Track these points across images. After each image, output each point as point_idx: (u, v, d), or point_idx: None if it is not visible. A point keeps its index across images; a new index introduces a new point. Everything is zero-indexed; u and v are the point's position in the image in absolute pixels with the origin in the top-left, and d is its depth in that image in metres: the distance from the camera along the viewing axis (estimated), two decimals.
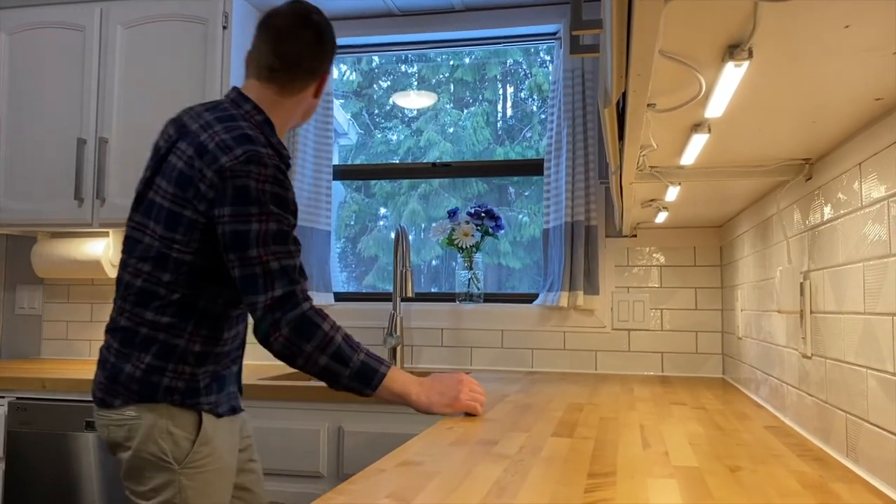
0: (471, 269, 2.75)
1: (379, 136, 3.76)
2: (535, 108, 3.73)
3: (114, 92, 2.61)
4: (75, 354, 2.96)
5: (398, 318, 2.66)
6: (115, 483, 2.14)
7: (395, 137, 3.86)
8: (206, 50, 2.53)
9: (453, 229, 2.75)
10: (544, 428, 1.48)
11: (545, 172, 2.66)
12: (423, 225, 3.64)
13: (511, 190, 3.72)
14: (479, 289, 2.74)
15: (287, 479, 2.09)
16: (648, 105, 1.00)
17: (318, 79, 1.56)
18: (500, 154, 3.61)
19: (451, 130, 3.80)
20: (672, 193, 1.64)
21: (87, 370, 2.45)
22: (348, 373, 1.38)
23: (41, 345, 2.99)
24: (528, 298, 2.71)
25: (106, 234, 2.80)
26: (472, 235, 2.72)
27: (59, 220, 2.64)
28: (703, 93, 0.94)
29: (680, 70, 0.87)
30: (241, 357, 1.58)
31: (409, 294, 2.62)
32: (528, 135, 3.73)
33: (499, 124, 3.92)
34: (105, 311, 2.94)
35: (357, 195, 3.52)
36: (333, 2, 2.73)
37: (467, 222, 2.73)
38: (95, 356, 2.46)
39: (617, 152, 1.27)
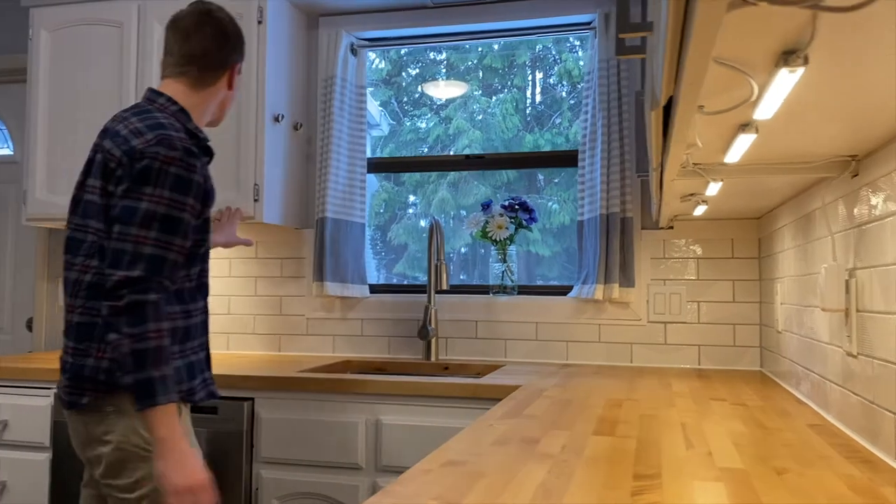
0: (504, 261, 2.74)
1: (408, 123, 3.76)
2: (564, 94, 3.70)
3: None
4: None
5: (433, 311, 2.67)
6: None
7: (423, 125, 3.85)
8: None
9: (487, 222, 2.74)
10: (585, 426, 1.48)
11: (579, 164, 2.64)
12: (452, 213, 3.64)
13: (540, 177, 3.69)
14: (512, 281, 2.74)
15: (326, 471, 2.12)
16: (698, 107, 0.99)
17: (227, 70, 1.65)
18: (529, 140, 3.59)
19: (479, 118, 3.78)
20: (713, 189, 1.62)
21: None
22: (134, 377, 1.35)
23: None
24: (563, 291, 2.71)
25: None
26: (506, 228, 2.72)
27: None
28: (754, 97, 0.93)
29: (730, 73, 0.86)
30: (206, 343, 1.60)
31: (444, 287, 2.62)
32: (558, 121, 3.70)
33: (528, 111, 3.89)
34: None
35: (387, 184, 3.54)
36: None
37: (501, 215, 2.73)
38: None
39: (660, 151, 1.26)
